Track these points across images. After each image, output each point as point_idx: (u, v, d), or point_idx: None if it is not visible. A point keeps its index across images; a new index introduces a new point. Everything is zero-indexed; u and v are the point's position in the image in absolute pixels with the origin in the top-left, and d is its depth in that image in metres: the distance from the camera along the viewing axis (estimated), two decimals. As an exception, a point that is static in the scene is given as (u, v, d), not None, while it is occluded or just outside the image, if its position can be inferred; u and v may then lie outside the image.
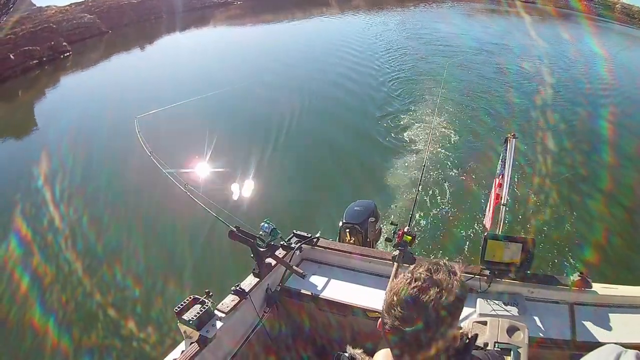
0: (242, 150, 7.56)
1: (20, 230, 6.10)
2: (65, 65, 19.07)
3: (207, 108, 9.25)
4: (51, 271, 5.25)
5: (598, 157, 7.47)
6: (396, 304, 0.94)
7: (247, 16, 26.58)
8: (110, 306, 4.71)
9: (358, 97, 10.75)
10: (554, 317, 2.28)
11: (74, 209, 6.77)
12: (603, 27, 21.44)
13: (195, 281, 4.92)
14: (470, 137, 8.20)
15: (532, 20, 21.30)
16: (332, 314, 2.57)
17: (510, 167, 2.83)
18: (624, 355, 0.94)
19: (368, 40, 16.93)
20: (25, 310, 4.62)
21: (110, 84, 15.03)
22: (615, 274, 4.64)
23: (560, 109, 9.61)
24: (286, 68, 13.89)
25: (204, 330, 2.18)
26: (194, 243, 5.55)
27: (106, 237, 6.00)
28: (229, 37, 22.47)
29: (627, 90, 11.27)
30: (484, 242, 2.43)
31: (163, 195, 6.57)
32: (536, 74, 12.23)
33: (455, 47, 15.36)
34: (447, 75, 10.22)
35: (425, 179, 6.30)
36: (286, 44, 18.54)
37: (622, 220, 5.77)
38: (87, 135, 9.74)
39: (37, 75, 17.70)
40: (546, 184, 6.52)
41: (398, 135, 8.29)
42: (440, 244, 5.31)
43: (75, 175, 7.78)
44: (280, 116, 9.25)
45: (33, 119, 12.71)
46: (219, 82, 12.69)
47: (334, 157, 7.80)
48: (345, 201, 3.91)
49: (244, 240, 2.47)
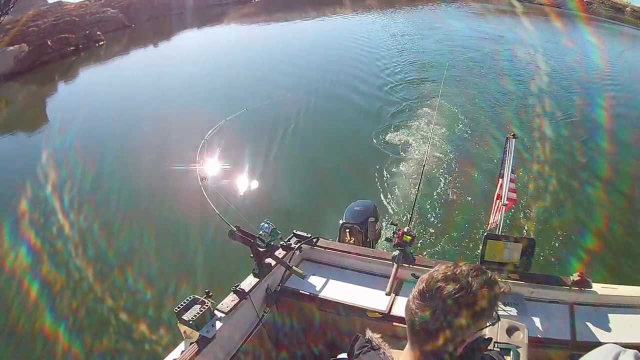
0: (243, 150, 7.56)
1: (29, 238, 6.04)
2: (99, 53, 20.10)
3: (208, 108, 9.26)
4: (61, 278, 5.20)
5: (598, 157, 7.47)
6: (421, 288, 1.00)
7: (262, 14, 26.78)
8: (113, 308, 4.71)
9: (358, 97, 10.74)
10: (553, 317, 2.28)
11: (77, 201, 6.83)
12: (613, 29, 21.40)
13: (195, 281, 4.92)
14: (470, 137, 8.20)
15: (537, 21, 21.27)
16: (332, 314, 2.57)
17: (510, 168, 2.83)
18: (623, 354, 0.94)
19: (374, 40, 16.89)
20: (36, 318, 4.60)
21: (126, 78, 15.50)
22: (615, 274, 4.64)
23: (561, 110, 9.60)
24: (288, 68, 13.88)
25: (204, 330, 2.18)
26: (194, 243, 5.55)
27: (104, 236, 5.99)
28: (239, 35, 22.62)
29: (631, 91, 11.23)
30: (484, 242, 2.44)
31: (163, 195, 6.63)
32: (540, 74, 12.19)
33: (455, 47, 15.33)
34: (447, 75, 10.21)
35: (425, 179, 6.30)
36: (292, 44, 18.49)
37: (622, 220, 5.77)
38: (100, 128, 10.09)
39: (73, 62, 18.88)
40: (546, 184, 6.52)
41: (398, 136, 8.28)
42: (440, 244, 5.31)
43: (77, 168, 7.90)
44: (280, 116, 9.26)
45: (59, 105, 13.41)
46: (222, 81, 12.81)
47: (334, 157, 7.80)
48: (345, 201, 3.91)
49: (244, 240, 2.47)
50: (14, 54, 17.00)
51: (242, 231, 2.47)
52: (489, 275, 1.02)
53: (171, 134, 8.47)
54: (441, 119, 8.65)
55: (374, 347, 1.14)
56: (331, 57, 14.84)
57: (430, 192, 6.27)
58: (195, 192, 2.74)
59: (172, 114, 9.97)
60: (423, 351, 1.01)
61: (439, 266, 1.03)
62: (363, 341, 1.16)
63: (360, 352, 1.13)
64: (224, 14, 28.22)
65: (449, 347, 0.98)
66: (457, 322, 0.95)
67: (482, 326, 1.02)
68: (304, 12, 24.73)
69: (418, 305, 0.99)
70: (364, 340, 1.16)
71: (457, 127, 8.51)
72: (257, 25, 24.11)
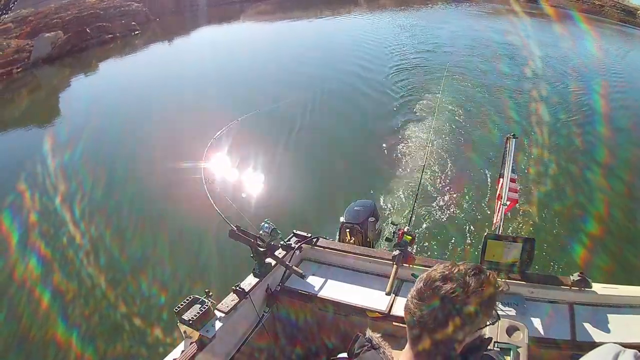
0: (245, 151, 7.56)
1: (40, 248, 5.97)
2: (133, 42, 21.54)
3: (222, 107, 9.27)
4: (73, 286, 5.17)
5: (598, 157, 7.45)
6: (419, 288, 1.01)
7: (277, 12, 26.98)
8: (113, 308, 4.71)
9: (358, 97, 10.74)
10: (553, 317, 2.28)
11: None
12: (626, 31, 21.36)
13: (195, 281, 4.92)
14: (470, 137, 8.19)
15: (542, 21, 21.22)
16: (332, 314, 2.57)
17: (510, 168, 2.83)
18: (623, 354, 0.95)
19: (382, 40, 16.87)
20: (48, 327, 4.58)
21: (148, 70, 16.17)
22: (615, 274, 4.64)
23: (562, 110, 9.59)
24: (299, 67, 13.88)
25: (204, 330, 2.18)
26: (194, 242, 5.55)
27: (104, 236, 5.99)
28: (255, 32, 22.85)
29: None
30: (484, 242, 2.44)
31: (166, 193, 6.63)
32: (541, 75, 12.15)
33: (455, 47, 15.31)
34: (447, 75, 10.22)
35: (425, 179, 6.30)
36: (306, 43, 18.46)
37: (622, 220, 5.77)
38: (113, 124, 10.30)
39: (110, 49, 20.31)
40: (546, 184, 6.52)
41: (398, 135, 8.28)
42: (440, 244, 5.31)
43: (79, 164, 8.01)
44: (285, 117, 9.25)
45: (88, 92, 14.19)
46: (238, 79, 12.95)
47: (335, 157, 7.80)
48: (345, 201, 3.91)
49: (244, 240, 2.47)
50: (51, 40, 18.66)
51: (242, 231, 2.47)
52: (487, 274, 1.02)
53: (181, 132, 8.49)
54: (441, 119, 8.65)
55: (374, 346, 1.14)
56: (340, 57, 14.80)
57: (430, 192, 6.27)
58: (198, 192, 2.75)
59: (184, 111, 10.09)
60: (423, 350, 1.01)
61: (437, 265, 1.04)
62: (363, 340, 1.16)
63: (361, 352, 1.13)
64: (241, 11, 28.62)
65: (448, 346, 0.98)
66: (455, 322, 0.95)
67: (481, 325, 1.02)
68: (319, 11, 24.91)
69: (416, 305, 0.99)
70: (364, 340, 1.16)
71: (457, 127, 8.50)
72: (273, 23, 24.41)
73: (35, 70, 17.40)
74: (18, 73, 16.72)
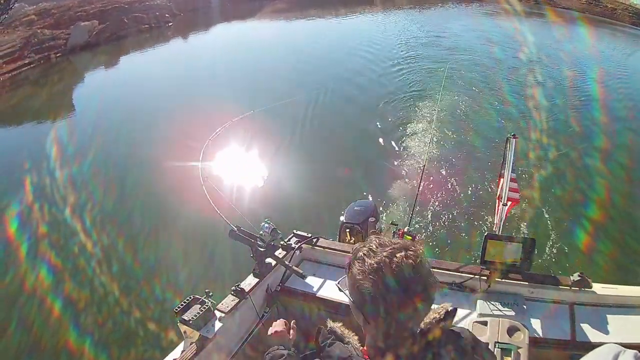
0: (245, 150, 7.54)
1: (50, 258, 5.93)
2: (166, 33, 22.89)
3: (221, 106, 9.25)
4: (85, 294, 5.15)
5: (599, 158, 7.45)
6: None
7: (294, 10, 27.15)
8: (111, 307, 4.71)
9: (359, 97, 10.74)
10: (553, 317, 2.27)
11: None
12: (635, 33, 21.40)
13: (195, 281, 4.91)
14: (470, 137, 8.18)
15: (549, 22, 21.18)
16: (332, 314, 2.57)
17: (510, 168, 2.83)
18: (623, 354, 0.95)
19: (384, 39, 16.88)
20: (60, 335, 4.56)
21: (163, 65, 16.50)
22: (615, 274, 4.64)
23: (563, 110, 9.58)
24: (304, 67, 13.86)
25: (204, 330, 2.18)
26: (195, 242, 5.55)
27: (100, 237, 5.99)
28: (269, 30, 22.89)
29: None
30: (484, 242, 2.43)
31: (165, 193, 6.63)
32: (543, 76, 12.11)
33: (456, 47, 15.28)
34: (447, 75, 10.19)
35: (425, 179, 6.29)
36: (318, 42, 18.40)
37: (622, 221, 5.77)
38: (117, 121, 10.49)
39: (145, 38, 21.74)
40: (546, 184, 6.52)
41: (398, 136, 8.27)
42: (440, 244, 5.31)
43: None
44: (286, 117, 9.24)
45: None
46: (245, 77, 12.96)
47: (335, 157, 7.79)
48: (345, 201, 3.91)
49: (244, 240, 2.47)
50: (87, 28, 20.19)
51: (242, 231, 2.47)
52: (412, 250, 0.96)
53: (180, 131, 8.43)
54: (441, 119, 8.64)
55: (339, 337, 1.13)
56: (346, 57, 14.73)
57: (430, 192, 6.26)
58: (197, 192, 2.74)
59: (185, 111, 10.03)
60: (377, 331, 0.98)
61: (366, 242, 1.00)
62: (325, 332, 1.15)
63: (326, 345, 1.12)
64: (260, 9, 28.79)
65: (402, 326, 0.95)
66: (389, 299, 0.91)
67: (419, 305, 0.94)
68: (335, 10, 24.91)
69: (355, 285, 0.97)
70: (326, 332, 1.15)
71: (457, 128, 8.49)
72: (288, 21, 24.66)
73: (72, 57, 19.00)
74: (57, 58, 18.64)
